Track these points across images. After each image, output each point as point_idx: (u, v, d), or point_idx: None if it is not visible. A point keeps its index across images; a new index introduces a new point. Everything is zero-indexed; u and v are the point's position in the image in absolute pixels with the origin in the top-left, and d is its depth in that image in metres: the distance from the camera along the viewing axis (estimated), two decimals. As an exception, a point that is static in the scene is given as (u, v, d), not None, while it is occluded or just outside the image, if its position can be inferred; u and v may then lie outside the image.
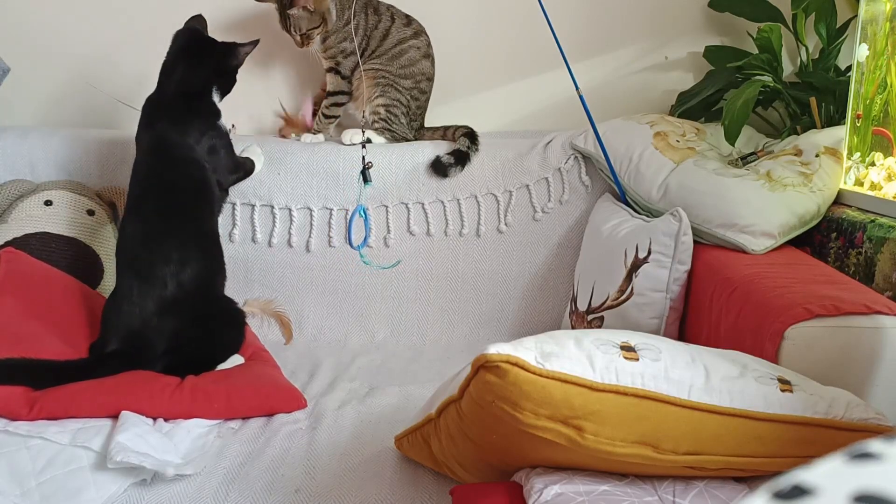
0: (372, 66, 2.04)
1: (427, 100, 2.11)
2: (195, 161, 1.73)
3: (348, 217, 2.02)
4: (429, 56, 2.07)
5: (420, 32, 2.07)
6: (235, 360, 1.69)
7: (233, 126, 2.01)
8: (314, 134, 2.09)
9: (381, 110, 2.03)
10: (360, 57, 2.03)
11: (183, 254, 1.64)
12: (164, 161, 1.71)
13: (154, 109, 1.76)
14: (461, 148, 2.01)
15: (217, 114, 1.81)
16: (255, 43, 1.81)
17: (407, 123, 2.07)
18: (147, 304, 1.60)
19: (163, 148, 1.72)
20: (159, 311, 1.60)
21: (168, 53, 1.79)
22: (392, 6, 2.08)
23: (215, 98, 1.81)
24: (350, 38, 2.02)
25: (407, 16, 2.07)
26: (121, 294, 1.62)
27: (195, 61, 1.77)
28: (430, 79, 2.09)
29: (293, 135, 2.12)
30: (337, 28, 2.02)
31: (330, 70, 2.07)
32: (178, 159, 1.71)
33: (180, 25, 1.83)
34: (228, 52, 1.79)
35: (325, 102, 2.09)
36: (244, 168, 1.95)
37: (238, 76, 1.85)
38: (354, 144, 2.03)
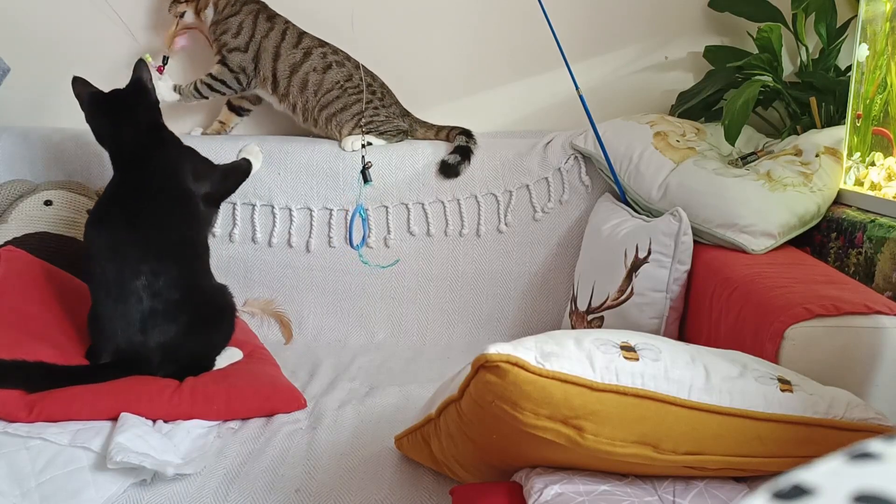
0: (302, 105, 2.03)
1: (373, 87, 2.05)
2: (179, 186, 1.71)
3: (348, 217, 2.02)
4: (330, 66, 2.02)
5: (310, 51, 2.02)
6: (233, 354, 1.68)
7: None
8: (174, 91, 2.06)
9: (362, 124, 2.03)
10: (272, 82, 2.03)
11: (154, 265, 1.58)
12: (143, 178, 1.69)
13: (127, 170, 1.71)
14: (461, 144, 2.01)
15: (178, 138, 1.80)
16: (141, 62, 1.78)
17: (386, 117, 2.05)
18: (128, 322, 1.55)
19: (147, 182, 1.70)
20: (142, 328, 1.55)
21: (99, 122, 1.74)
22: (290, 23, 2.05)
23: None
24: (233, 34, 2.03)
25: (300, 34, 2.04)
26: (100, 312, 1.58)
27: (130, 113, 1.74)
28: (349, 78, 2.03)
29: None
30: (219, 18, 2.04)
31: (218, 62, 2.06)
32: (160, 184, 1.70)
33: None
34: (140, 89, 1.75)
35: (202, 78, 2.06)
36: (238, 172, 1.92)
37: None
38: (356, 151, 2.02)
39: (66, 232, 1.90)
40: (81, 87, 1.76)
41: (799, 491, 0.39)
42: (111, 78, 2.23)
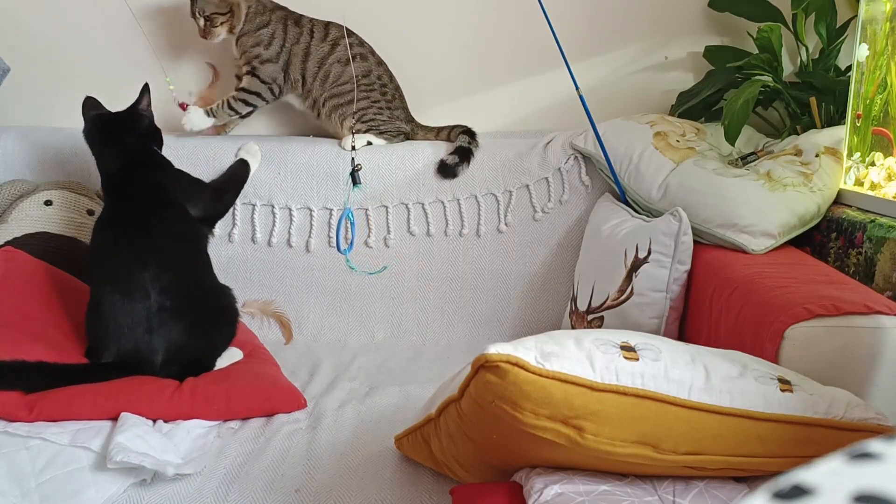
0: (318, 97, 2.04)
1: (387, 88, 2.06)
2: (171, 202, 1.72)
3: (336, 221, 2.01)
4: (354, 58, 2.02)
5: (337, 42, 2.02)
6: (233, 354, 1.68)
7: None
8: (207, 115, 2.03)
9: (360, 126, 2.03)
10: (301, 83, 2.03)
11: (160, 262, 1.59)
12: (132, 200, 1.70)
13: (119, 188, 1.73)
14: (462, 144, 2.01)
15: (169, 163, 1.80)
16: (147, 86, 1.78)
17: (389, 117, 2.05)
18: (135, 321, 1.55)
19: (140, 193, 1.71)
20: (149, 326, 1.55)
21: (93, 142, 1.76)
22: (314, 19, 2.05)
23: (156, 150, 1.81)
24: (265, 45, 2.01)
25: (325, 26, 2.04)
26: (105, 310, 1.57)
27: (121, 137, 1.75)
28: (368, 74, 2.04)
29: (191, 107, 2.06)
30: (248, 30, 2.00)
31: (247, 73, 2.04)
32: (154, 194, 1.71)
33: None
34: (133, 116, 1.76)
35: (235, 94, 2.04)
36: (234, 182, 1.93)
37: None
38: (355, 150, 2.02)
39: (66, 232, 1.90)
40: (88, 109, 1.78)
41: (799, 491, 0.39)
42: (112, 77, 2.24)
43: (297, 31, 2.03)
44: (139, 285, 1.56)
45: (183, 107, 2.06)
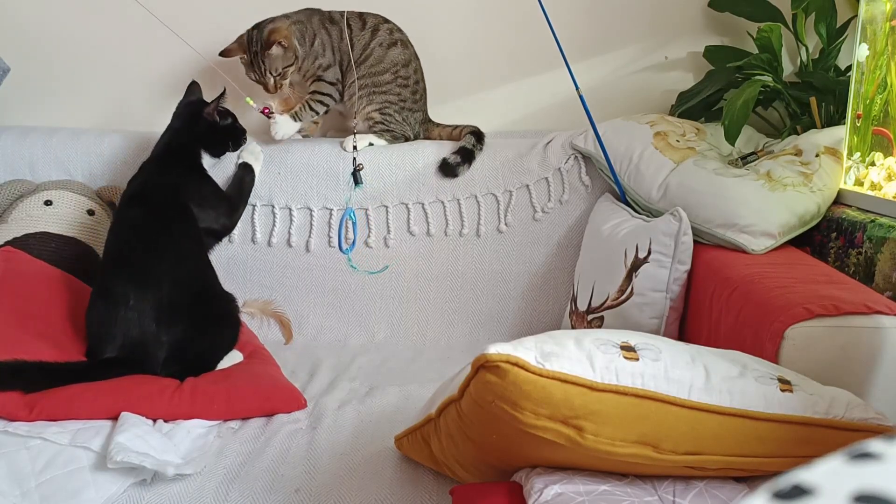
0: (353, 79, 2.03)
1: (418, 86, 2.07)
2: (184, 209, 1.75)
3: (336, 221, 2.02)
4: (395, 43, 2.03)
5: (377, 28, 2.03)
6: (234, 357, 1.69)
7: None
8: (293, 120, 2.01)
9: (376, 115, 2.03)
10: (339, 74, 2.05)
11: (176, 252, 1.64)
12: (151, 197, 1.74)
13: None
14: (466, 146, 2.01)
15: (201, 167, 1.86)
16: (221, 95, 1.85)
17: (403, 119, 2.05)
18: (146, 310, 1.57)
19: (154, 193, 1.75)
20: (157, 317, 1.57)
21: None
22: (343, 12, 2.05)
23: (204, 158, 1.89)
24: (321, 55, 2.01)
25: (360, 16, 2.04)
26: (116, 295, 1.58)
27: (172, 122, 1.89)
28: (408, 63, 2.04)
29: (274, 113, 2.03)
30: (306, 53, 2.00)
31: (314, 81, 2.04)
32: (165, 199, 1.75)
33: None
34: (192, 112, 1.85)
35: (311, 96, 2.04)
36: (244, 186, 1.95)
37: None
38: (357, 150, 2.02)
39: (66, 232, 1.90)
40: (186, 93, 1.91)
41: (799, 491, 0.39)
42: (112, 77, 2.24)
43: (337, 29, 2.03)
44: (154, 276, 1.59)
45: (266, 111, 2.02)
